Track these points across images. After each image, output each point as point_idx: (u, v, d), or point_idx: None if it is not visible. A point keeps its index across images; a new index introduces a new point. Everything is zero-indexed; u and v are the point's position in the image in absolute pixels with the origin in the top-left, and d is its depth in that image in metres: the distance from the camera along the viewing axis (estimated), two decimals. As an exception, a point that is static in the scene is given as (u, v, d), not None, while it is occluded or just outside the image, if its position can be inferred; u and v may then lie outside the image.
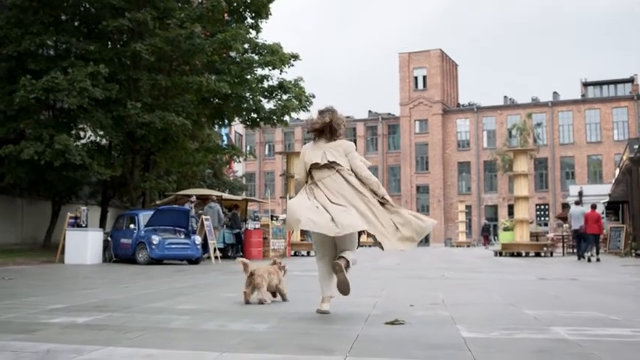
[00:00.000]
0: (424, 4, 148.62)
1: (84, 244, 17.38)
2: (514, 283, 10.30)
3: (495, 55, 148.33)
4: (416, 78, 75.63)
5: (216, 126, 28.23)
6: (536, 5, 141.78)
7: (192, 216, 19.12)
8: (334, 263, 5.37)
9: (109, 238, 18.85)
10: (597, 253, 20.22)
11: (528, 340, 4.31)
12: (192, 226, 18.87)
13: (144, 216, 18.03)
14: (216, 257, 18.40)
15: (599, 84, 72.35)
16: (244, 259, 6.80)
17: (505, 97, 74.99)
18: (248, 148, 63.49)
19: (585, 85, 72.53)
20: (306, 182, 5.65)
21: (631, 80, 70.76)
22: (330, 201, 5.33)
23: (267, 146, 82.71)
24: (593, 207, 20.68)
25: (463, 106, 77.09)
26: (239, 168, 51.52)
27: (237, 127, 53.77)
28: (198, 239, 17.69)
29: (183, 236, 17.79)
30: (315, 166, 5.56)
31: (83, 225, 18.10)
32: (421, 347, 3.98)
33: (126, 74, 21.31)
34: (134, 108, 20.11)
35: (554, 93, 72.82)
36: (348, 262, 5.38)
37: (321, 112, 5.78)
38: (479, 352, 3.78)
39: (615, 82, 71.87)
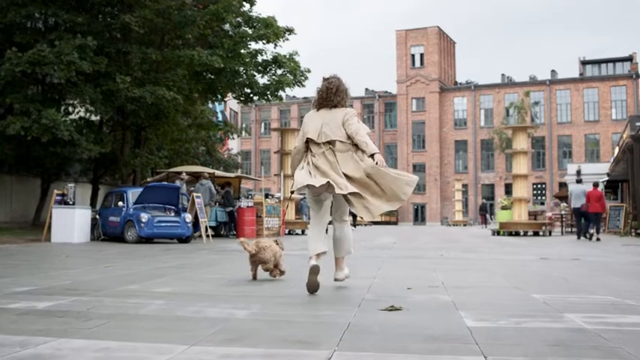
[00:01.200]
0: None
1: (71, 222, 16.84)
2: (516, 264, 9.82)
3: (493, 34, 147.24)
4: (413, 56, 74.88)
5: (210, 102, 27.57)
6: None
7: (183, 193, 18.61)
8: (335, 279, 5.92)
9: (97, 216, 18.36)
10: (598, 232, 19.76)
11: (542, 330, 3.80)
12: (182, 204, 18.37)
13: (133, 193, 17.52)
14: (207, 236, 17.91)
15: (598, 62, 71.71)
16: (243, 238, 6.72)
17: (503, 75, 74.41)
18: (244, 125, 62.95)
19: (583, 63, 71.88)
20: (305, 152, 5.69)
21: (630, 59, 70.10)
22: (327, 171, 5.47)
23: (262, 124, 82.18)
24: (596, 185, 20.20)
25: (460, 84, 76.45)
26: (234, 145, 50.94)
27: (233, 104, 53.12)
28: (188, 217, 17.17)
29: (173, 214, 17.29)
30: (312, 140, 5.60)
31: (70, 202, 17.56)
32: (420, 339, 3.48)
33: (115, 47, 20.62)
34: (123, 82, 19.49)
35: (552, 71, 72.24)
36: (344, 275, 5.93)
37: (325, 79, 5.80)
38: (487, 346, 3.28)
39: (614, 61, 71.21)
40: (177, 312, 4.36)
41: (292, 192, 5.88)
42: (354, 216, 30.30)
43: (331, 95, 5.67)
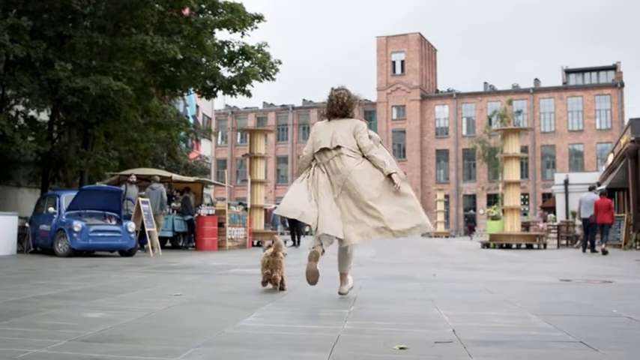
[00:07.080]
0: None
1: (-9, 232, 14.22)
2: (537, 290, 7.32)
3: (475, 41, 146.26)
4: (394, 62, 72.78)
5: (168, 96, 24.85)
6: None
7: (128, 198, 15.99)
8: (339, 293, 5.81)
9: (28, 225, 15.68)
10: (601, 244, 17.27)
11: None
12: (128, 211, 15.77)
13: (66, 197, 14.82)
14: (155, 248, 15.25)
15: (581, 71, 70.11)
16: (278, 238, 6.37)
17: (485, 83, 72.42)
18: (219, 133, 60.31)
19: (567, 72, 70.26)
20: (312, 161, 5.79)
21: (614, 68, 68.60)
22: (326, 192, 5.52)
23: (239, 132, 79.56)
24: (603, 194, 17.76)
25: (442, 92, 74.35)
26: (207, 151, 48.22)
27: (207, 109, 50.45)
28: (132, 226, 14.50)
29: (114, 222, 14.64)
30: (323, 149, 5.67)
31: (-7, 208, 14.93)
32: None
33: (55, 30, 17.96)
34: (64, 70, 16.85)
35: (536, 79, 70.45)
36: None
37: (335, 90, 5.94)
38: None
39: (597, 70, 69.65)
40: None
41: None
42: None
43: (340, 105, 5.84)
